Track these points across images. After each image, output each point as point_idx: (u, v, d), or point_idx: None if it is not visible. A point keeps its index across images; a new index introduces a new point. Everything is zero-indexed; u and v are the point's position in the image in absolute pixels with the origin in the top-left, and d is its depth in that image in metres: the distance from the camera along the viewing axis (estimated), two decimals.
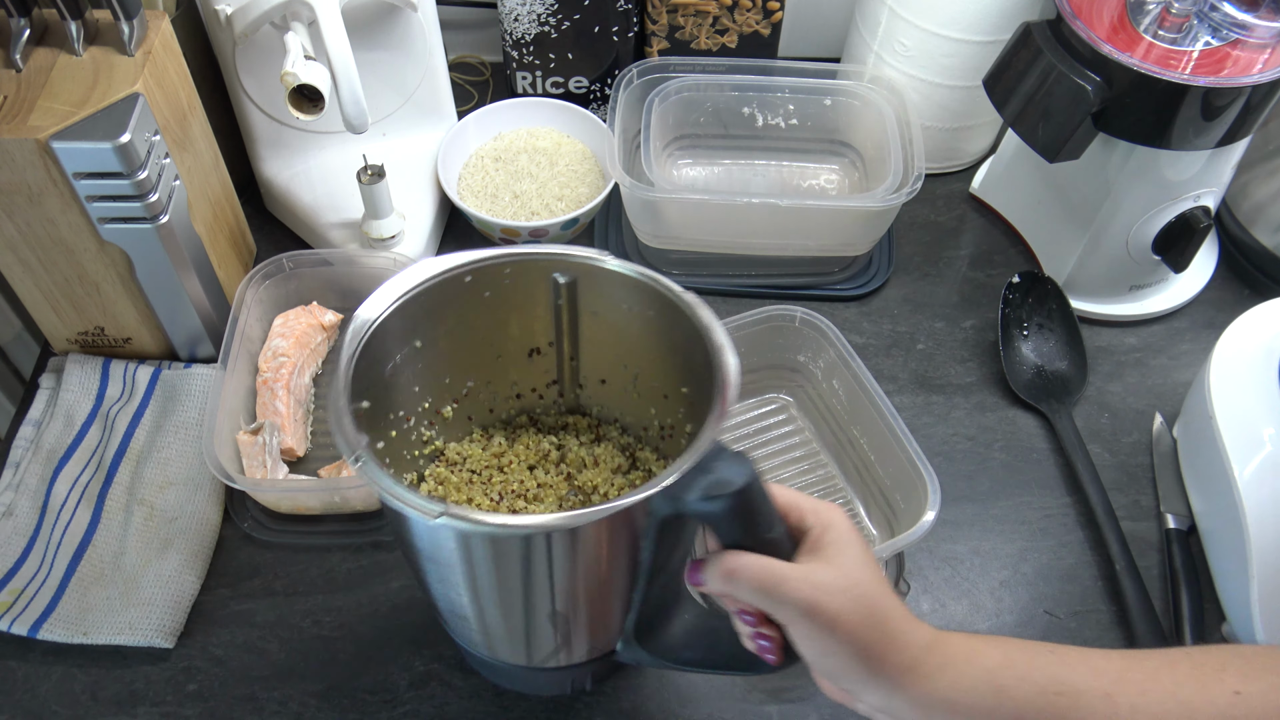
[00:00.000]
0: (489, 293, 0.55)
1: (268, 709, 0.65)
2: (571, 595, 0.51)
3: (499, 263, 0.54)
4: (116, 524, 0.72)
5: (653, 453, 0.63)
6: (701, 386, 0.51)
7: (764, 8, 0.93)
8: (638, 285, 0.53)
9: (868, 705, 0.47)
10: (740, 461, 0.44)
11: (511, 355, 0.60)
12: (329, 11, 0.70)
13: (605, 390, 0.63)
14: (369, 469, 0.44)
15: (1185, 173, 0.76)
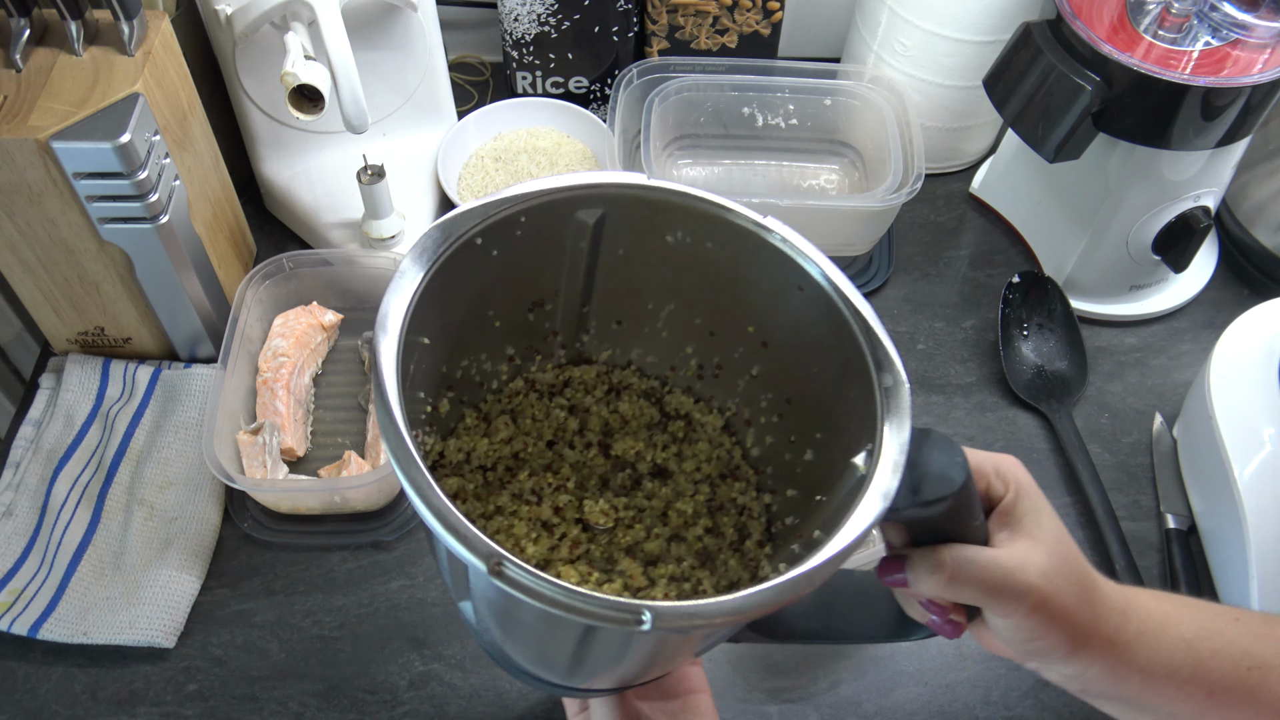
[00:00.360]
0: (496, 251, 0.46)
1: (268, 709, 0.65)
2: (642, 672, 0.46)
3: (513, 211, 0.45)
4: (116, 524, 0.72)
5: (687, 395, 0.56)
6: (777, 323, 0.47)
7: (764, 8, 0.93)
8: (698, 213, 0.47)
9: (1058, 674, 0.45)
10: (950, 449, 0.39)
11: (510, 317, 0.52)
12: (329, 11, 0.70)
13: (619, 332, 0.55)
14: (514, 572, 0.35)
15: (1185, 173, 0.76)
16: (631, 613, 0.34)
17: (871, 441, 0.41)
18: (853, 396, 0.44)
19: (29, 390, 0.80)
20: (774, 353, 0.51)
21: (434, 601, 0.70)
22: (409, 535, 0.73)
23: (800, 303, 0.46)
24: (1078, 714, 0.67)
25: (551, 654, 0.46)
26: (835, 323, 0.45)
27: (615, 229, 0.48)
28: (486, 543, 0.34)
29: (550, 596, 0.33)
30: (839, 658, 0.68)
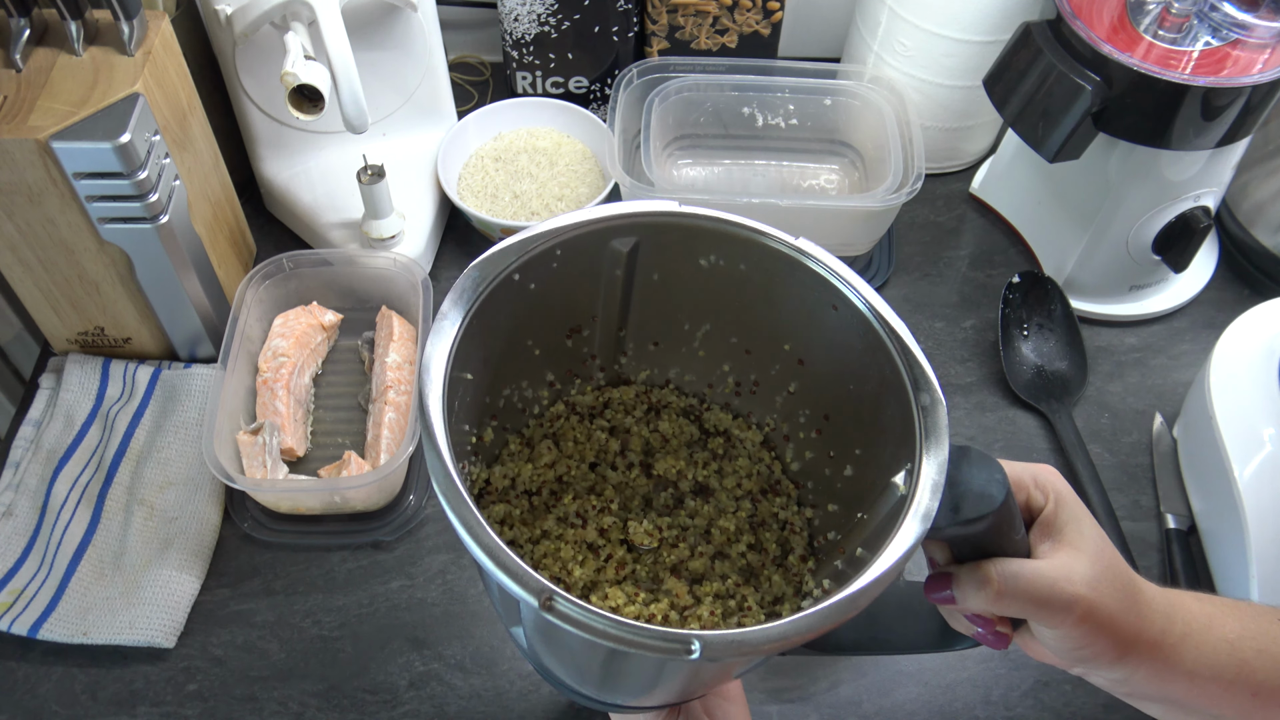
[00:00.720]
0: (534, 285, 0.47)
1: (268, 709, 0.65)
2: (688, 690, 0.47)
3: (548, 245, 0.46)
4: (116, 524, 0.72)
5: (725, 412, 0.56)
6: (812, 341, 0.47)
7: (764, 8, 0.93)
8: (731, 238, 0.47)
9: (1104, 679, 0.45)
10: (989, 465, 0.40)
11: (549, 344, 0.53)
12: (329, 11, 0.70)
13: (656, 353, 0.56)
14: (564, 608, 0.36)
15: (1185, 173, 0.76)
16: (681, 643, 0.34)
17: (911, 460, 0.42)
18: (889, 414, 0.45)
19: (29, 390, 0.80)
20: (810, 370, 0.51)
21: (434, 601, 0.70)
22: (409, 535, 0.73)
23: (835, 322, 0.47)
24: (1078, 714, 0.67)
25: (603, 677, 0.47)
26: (871, 341, 0.45)
27: (649, 255, 0.49)
28: (537, 579, 0.35)
29: (601, 629, 0.34)
30: (839, 657, 0.68)
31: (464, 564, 0.72)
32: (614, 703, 0.51)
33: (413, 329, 0.80)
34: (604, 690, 0.48)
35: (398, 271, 0.80)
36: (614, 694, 0.49)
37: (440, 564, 0.72)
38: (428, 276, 0.79)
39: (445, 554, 0.72)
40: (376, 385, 0.77)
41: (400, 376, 0.76)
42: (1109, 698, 0.67)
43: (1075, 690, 0.67)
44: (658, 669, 0.42)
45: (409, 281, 0.80)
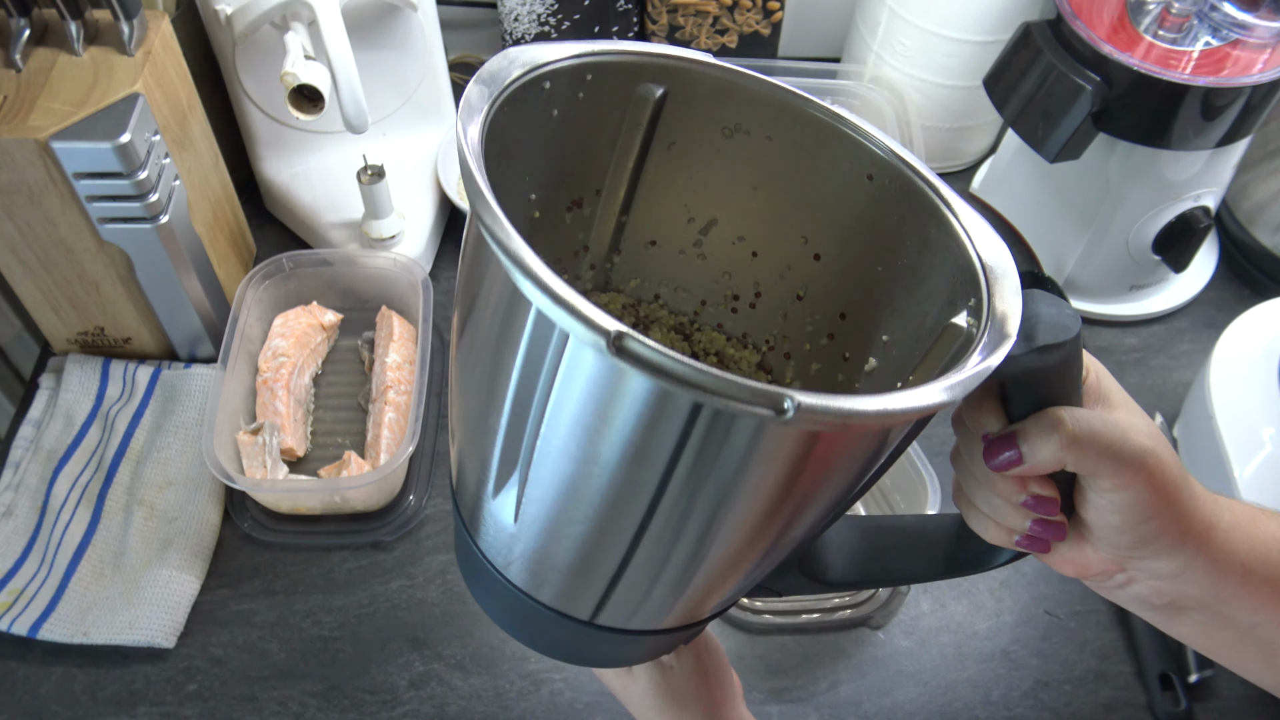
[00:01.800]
0: (557, 110, 0.42)
1: (268, 709, 0.65)
2: (760, 529, 0.38)
3: (580, 63, 0.41)
4: (116, 524, 0.72)
5: (718, 332, 0.52)
6: (836, 227, 0.44)
7: (764, 8, 0.93)
8: (763, 99, 0.43)
9: (1154, 577, 0.41)
10: (1059, 302, 0.37)
11: (549, 211, 0.47)
12: (329, 11, 0.70)
13: (652, 255, 0.50)
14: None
15: (1185, 173, 0.76)
16: (771, 400, 0.28)
17: (974, 297, 0.38)
18: (934, 276, 0.42)
19: (29, 390, 0.80)
20: (827, 266, 0.48)
21: (434, 601, 0.70)
22: (409, 535, 0.73)
23: (869, 194, 0.43)
24: (1078, 714, 0.67)
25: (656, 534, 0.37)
26: (913, 203, 0.42)
27: (673, 114, 0.44)
28: (604, 316, 0.28)
29: (682, 374, 0.28)
30: (839, 657, 0.68)
31: None
32: (609, 625, 0.43)
33: (413, 329, 0.80)
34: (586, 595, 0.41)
35: (398, 271, 0.80)
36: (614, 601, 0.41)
37: (440, 564, 0.72)
38: (428, 276, 0.79)
39: (445, 554, 0.72)
40: (376, 385, 0.77)
41: (400, 376, 0.76)
42: (1109, 697, 0.67)
43: (1075, 690, 0.67)
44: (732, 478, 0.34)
45: (409, 281, 0.80)
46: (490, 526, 0.41)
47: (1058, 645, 0.69)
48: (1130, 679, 0.68)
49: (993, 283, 0.38)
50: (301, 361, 0.78)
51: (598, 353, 0.28)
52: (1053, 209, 0.86)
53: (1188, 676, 0.67)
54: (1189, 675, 0.67)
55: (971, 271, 0.39)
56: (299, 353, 0.78)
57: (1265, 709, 0.67)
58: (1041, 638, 0.70)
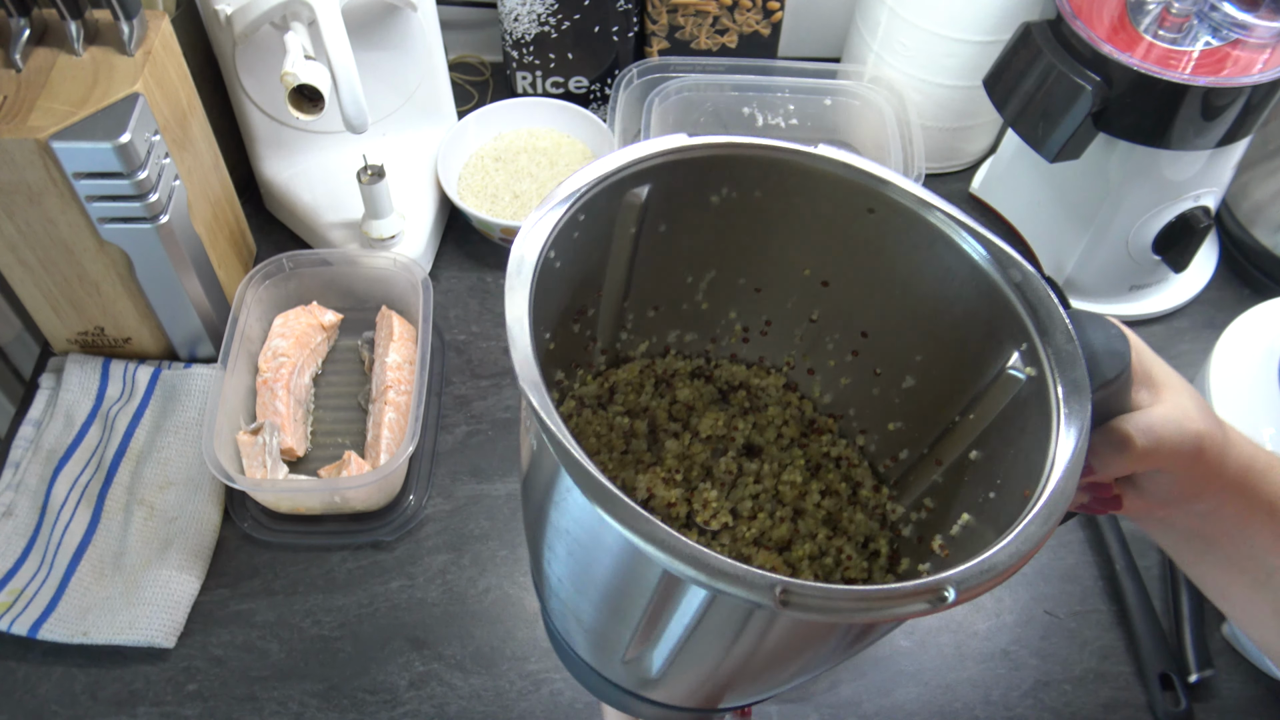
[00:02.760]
0: (560, 262, 0.42)
1: (268, 709, 0.65)
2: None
3: (573, 212, 0.41)
4: (116, 524, 0.72)
5: (736, 364, 0.53)
6: (842, 258, 0.44)
7: (764, 8, 0.93)
8: (746, 161, 0.44)
9: (1189, 517, 0.44)
10: (1103, 323, 0.37)
11: (561, 337, 0.48)
12: (329, 11, 0.70)
13: (656, 319, 0.51)
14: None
15: (1185, 173, 0.76)
16: (933, 592, 0.30)
17: (1025, 340, 0.38)
18: (962, 305, 0.41)
19: (29, 390, 0.80)
20: (837, 291, 0.48)
21: (434, 601, 0.70)
22: (409, 535, 0.73)
23: (873, 227, 0.43)
24: (1078, 714, 0.67)
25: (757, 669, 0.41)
26: (924, 235, 0.41)
27: (659, 203, 0.45)
28: (760, 573, 0.30)
29: (847, 607, 0.30)
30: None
31: (464, 564, 0.72)
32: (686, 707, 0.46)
33: (413, 329, 0.80)
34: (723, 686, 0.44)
35: (398, 271, 0.80)
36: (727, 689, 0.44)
37: (440, 564, 0.72)
38: (428, 276, 0.79)
39: (445, 554, 0.72)
40: (376, 385, 0.77)
41: (400, 376, 0.76)
42: (1109, 697, 0.67)
43: (1075, 690, 0.67)
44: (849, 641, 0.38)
45: (409, 281, 0.80)
46: (576, 633, 0.43)
47: (1058, 645, 0.69)
48: (1130, 679, 0.68)
49: (1039, 324, 0.38)
50: (301, 361, 0.78)
51: (758, 608, 0.30)
52: (1053, 209, 0.86)
53: (1188, 676, 0.67)
54: (1189, 675, 0.67)
55: (1007, 312, 0.39)
56: (299, 353, 0.78)
57: (1265, 709, 0.67)
58: (1041, 638, 0.70)
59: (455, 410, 0.80)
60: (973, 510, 0.42)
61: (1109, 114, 0.72)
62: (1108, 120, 0.73)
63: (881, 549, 0.47)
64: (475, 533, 0.73)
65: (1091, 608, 0.71)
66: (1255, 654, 0.67)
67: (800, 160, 0.43)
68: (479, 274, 0.89)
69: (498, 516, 0.74)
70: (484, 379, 0.82)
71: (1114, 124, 0.73)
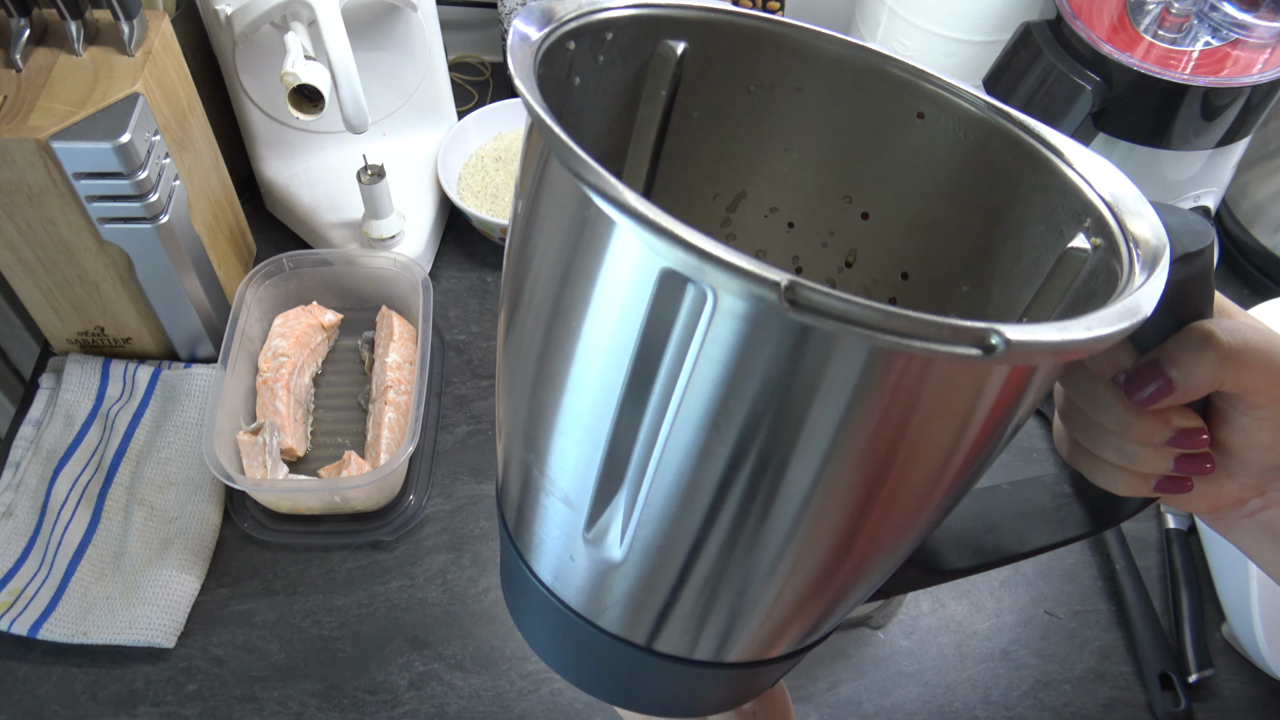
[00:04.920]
0: (579, 79, 0.37)
1: (268, 709, 0.65)
2: (928, 491, 0.34)
3: (601, 19, 0.36)
4: (116, 524, 0.72)
5: None
6: (886, 179, 0.40)
7: (763, 7, 0.93)
8: (790, 45, 0.39)
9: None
10: (1179, 210, 0.33)
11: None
12: (329, 11, 0.70)
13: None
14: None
15: (1185, 173, 0.76)
16: (975, 337, 0.23)
17: (1089, 217, 0.34)
18: (1018, 210, 0.38)
19: (29, 390, 0.80)
20: (878, 223, 0.43)
21: (434, 601, 0.70)
22: (409, 535, 0.73)
23: (921, 136, 0.39)
24: (1078, 714, 0.67)
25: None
26: (979, 135, 0.38)
27: (693, 76, 0.39)
28: (759, 264, 0.23)
29: (870, 320, 0.23)
30: (839, 657, 0.68)
31: (464, 564, 0.72)
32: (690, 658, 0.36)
33: (413, 329, 0.80)
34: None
35: (398, 271, 0.80)
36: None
37: (440, 564, 0.72)
38: (428, 276, 0.79)
39: (445, 554, 0.72)
40: (376, 385, 0.77)
41: (400, 376, 0.76)
42: (1109, 697, 0.67)
43: (1075, 690, 0.67)
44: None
45: (409, 281, 0.80)
46: (568, 557, 0.34)
47: (1058, 645, 0.69)
48: (1130, 679, 0.68)
49: (1107, 197, 0.33)
50: (301, 361, 0.78)
51: (761, 311, 0.24)
52: None
53: (1188, 676, 0.67)
54: (1189, 675, 0.67)
55: (1075, 193, 0.34)
56: (299, 353, 0.78)
57: (1265, 709, 0.67)
58: (1041, 638, 0.70)
59: (455, 410, 0.80)
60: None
61: (1109, 114, 0.72)
62: (1108, 120, 0.73)
63: None
64: (475, 533, 0.73)
65: (1091, 608, 0.71)
66: (1255, 654, 0.67)
67: (847, 53, 0.39)
68: (479, 274, 0.89)
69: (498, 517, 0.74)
70: (484, 379, 0.82)
71: (1114, 124, 0.73)
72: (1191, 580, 0.71)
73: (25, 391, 0.80)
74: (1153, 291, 0.28)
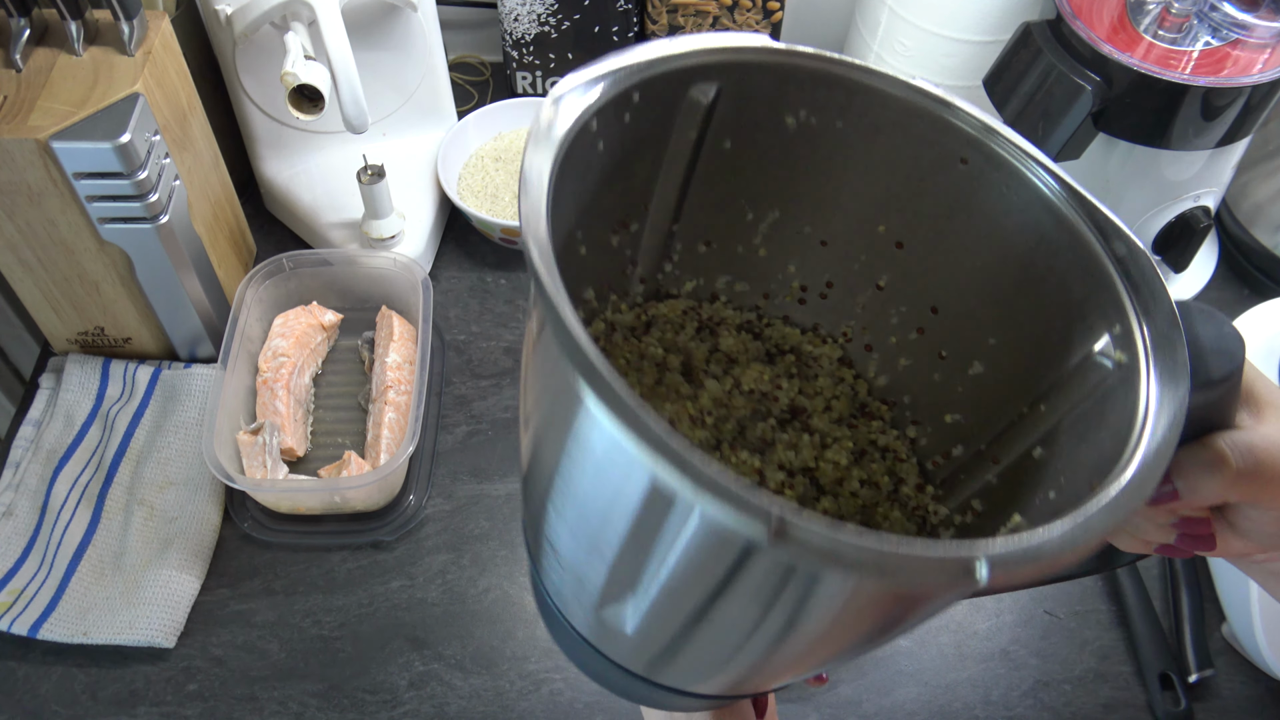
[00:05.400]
0: (603, 143, 0.36)
1: (268, 709, 0.65)
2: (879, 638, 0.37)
3: (625, 86, 0.35)
4: (116, 524, 0.72)
5: (789, 325, 0.48)
6: (923, 214, 0.40)
7: (764, 8, 0.93)
8: (832, 80, 0.38)
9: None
10: (1216, 318, 0.32)
11: (596, 242, 0.42)
12: (329, 11, 0.70)
13: (707, 256, 0.45)
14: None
15: (1185, 173, 0.76)
16: (961, 566, 0.24)
17: (1117, 322, 0.33)
18: (1053, 281, 0.37)
19: (29, 390, 0.80)
20: (911, 255, 0.42)
21: (434, 601, 0.70)
22: (409, 535, 0.73)
23: (963, 180, 0.39)
24: (1078, 714, 0.67)
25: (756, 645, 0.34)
26: (1023, 197, 0.37)
27: (727, 112, 0.39)
28: (760, 499, 0.24)
29: (856, 559, 0.24)
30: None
31: (464, 564, 0.72)
32: (675, 687, 0.41)
33: (413, 329, 0.80)
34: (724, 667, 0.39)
35: (398, 271, 0.80)
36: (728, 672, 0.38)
37: (440, 564, 0.72)
38: (428, 276, 0.79)
39: (445, 554, 0.72)
40: (376, 385, 0.77)
41: (400, 376, 0.76)
42: (1109, 697, 0.67)
43: (1075, 690, 0.67)
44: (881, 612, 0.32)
45: (409, 281, 0.80)
46: (577, 604, 0.37)
47: (1058, 645, 0.69)
48: (1130, 679, 0.68)
49: (1140, 304, 0.33)
50: (301, 361, 0.78)
51: (748, 537, 0.24)
52: None
53: (1188, 676, 0.67)
54: (1189, 675, 0.67)
55: (1106, 280, 0.34)
56: (299, 353, 0.78)
57: (1265, 709, 0.67)
58: (1041, 638, 0.70)
59: (455, 410, 0.80)
60: (1026, 512, 0.36)
61: (1109, 114, 0.72)
62: (1108, 120, 0.73)
63: None
64: (475, 533, 0.73)
65: (1091, 608, 0.71)
66: (1255, 654, 0.67)
67: (893, 90, 0.38)
68: (479, 274, 0.89)
69: (498, 516, 0.74)
70: (484, 379, 0.82)
71: (1114, 124, 0.73)
72: (1191, 580, 0.71)
73: (25, 391, 0.80)
74: (1148, 483, 0.28)
